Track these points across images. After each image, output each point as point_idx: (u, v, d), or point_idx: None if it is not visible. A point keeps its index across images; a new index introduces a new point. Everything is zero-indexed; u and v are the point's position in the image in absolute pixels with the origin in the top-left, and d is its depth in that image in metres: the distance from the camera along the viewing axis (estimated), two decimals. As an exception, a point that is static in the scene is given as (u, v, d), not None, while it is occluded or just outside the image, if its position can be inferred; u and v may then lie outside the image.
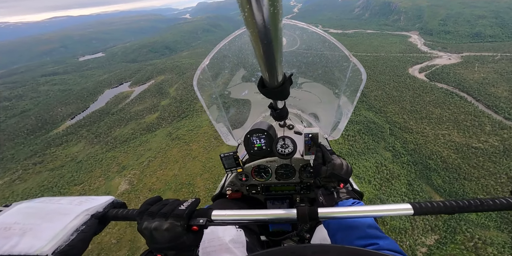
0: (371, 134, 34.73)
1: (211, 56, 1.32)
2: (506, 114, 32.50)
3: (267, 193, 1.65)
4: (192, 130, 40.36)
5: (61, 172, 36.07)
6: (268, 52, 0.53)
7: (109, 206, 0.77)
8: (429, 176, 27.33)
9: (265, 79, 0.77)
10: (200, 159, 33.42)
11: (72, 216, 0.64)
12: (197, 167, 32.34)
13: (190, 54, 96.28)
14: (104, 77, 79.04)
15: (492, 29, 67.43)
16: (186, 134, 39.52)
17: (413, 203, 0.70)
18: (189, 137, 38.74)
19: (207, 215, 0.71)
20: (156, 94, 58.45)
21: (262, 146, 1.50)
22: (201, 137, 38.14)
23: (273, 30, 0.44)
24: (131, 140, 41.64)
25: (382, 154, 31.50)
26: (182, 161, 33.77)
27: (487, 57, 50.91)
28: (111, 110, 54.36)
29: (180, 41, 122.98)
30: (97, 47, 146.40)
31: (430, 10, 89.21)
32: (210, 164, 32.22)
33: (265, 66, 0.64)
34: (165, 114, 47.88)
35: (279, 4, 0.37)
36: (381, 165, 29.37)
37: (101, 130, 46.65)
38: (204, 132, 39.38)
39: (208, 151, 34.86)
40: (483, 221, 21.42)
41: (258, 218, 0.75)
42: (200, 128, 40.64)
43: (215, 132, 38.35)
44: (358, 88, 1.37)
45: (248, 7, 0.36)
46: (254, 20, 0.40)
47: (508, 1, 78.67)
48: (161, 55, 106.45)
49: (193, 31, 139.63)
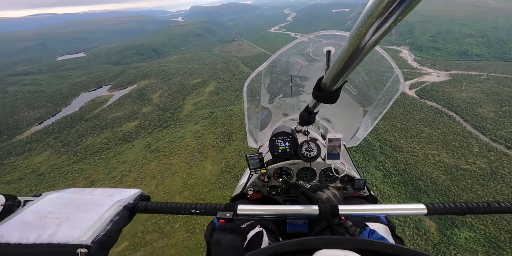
0: (362, 152, 35.08)
1: (270, 61, 1.50)
2: (492, 136, 34.00)
3: (287, 195, 1.73)
4: (174, 142, 39.13)
5: (19, 186, 33.37)
6: (350, 64, 0.64)
7: (138, 198, 0.85)
8: (419, 198, 27.70)
9: (325, 83, 0.86)
10: (181, 175, 32.13)
11: (106, 207, 0.70)
12: (176, 184, 31.00)
13: (178, 59, 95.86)
14: (82, 79, 76.44)
15: (478, 48, 72.40)
16: (167, 146, 38.20)
17: (426, 203, 0.79)
18: (170, 149, 37.43)
19: (233, 209, 0.80)
20: (137, 100, 56.94)
21: (286, 148, 1.59)
22: (183, 150, 36.96)
23: (371, 47, 0.54)
24: (103, 151, 39.75)
25: (373, 174, 31.71)
26: (160, 177, 32.32)
27: (474, 76, 54.13)
28: (84, 115, 52.15)
29: (168, 44, 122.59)
30: (79, 46, 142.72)
31: (420, 26, 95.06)
32: (191, 181, 31.00)
33: (337, 73, 0.73)
34: (145, 123, 46.39)
35: (395, 27, 0.45)
36: (372, 185, 29.44)
37: (71, 138, 44.38)
38: (187, 144, 38.25)
39: (190, 166, 33.69)
40: (472, 245, 21.88)
41: (282, 213, 0.83)
42: (183, 140, 39.49)
43: (198, 145, 37.48)
44: (392, 98, 1.51)
45: (372, 25, 0.44)
46: (364, 37, 0.48)
47: (494, 20, 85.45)
48: (147, 58, 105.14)
49: (183, 34, 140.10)
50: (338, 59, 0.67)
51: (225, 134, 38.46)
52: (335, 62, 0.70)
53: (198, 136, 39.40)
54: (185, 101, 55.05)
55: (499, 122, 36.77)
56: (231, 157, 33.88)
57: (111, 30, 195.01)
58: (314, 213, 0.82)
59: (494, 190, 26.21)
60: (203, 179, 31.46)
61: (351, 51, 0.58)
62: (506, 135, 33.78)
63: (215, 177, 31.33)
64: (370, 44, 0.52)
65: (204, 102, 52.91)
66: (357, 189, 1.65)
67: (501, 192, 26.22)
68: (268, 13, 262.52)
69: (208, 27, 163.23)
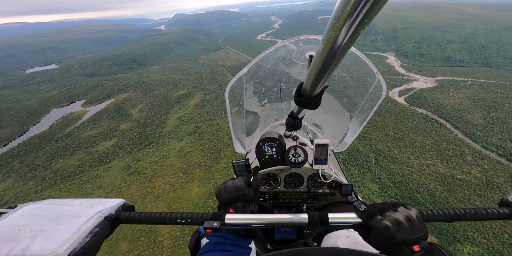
0: (357, 164, 35.34)
1: (249, 66, 1.56)
2: (484, 143, 35.48)
3: (275, 201, 1.82)
4: (156, 161, 37.76)
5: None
6: (327, 67, 0.65)
7: (121, 208, 0.84)
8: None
9: (305, 88, 0.90)
10: (165, 199, 30.74)
11: (85, 218, 0.69)
12: (160, 209, 29.47)
13: (161, 69, 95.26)
14: (53, 94, 73.78)
15: (461, 53, 77.42)
16: (149, 167, 36.73)
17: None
18: (151, 170, 35.99)
19: (220, 219, 0.81)
20: (115, 115, 55.30)
21: (273, 154, 1.65)
22: (166, 171, 35.64)
23: (345, 50, 0.55)
24: (76, 175, 37.80)
25: (370, 187, 31.82)
26: (141, 202, 30.70)
27: (459, 82, 57.32)
28: (55, 135, 49.79)
29: (150, 54, 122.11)
30: (51, 57, 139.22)
31: (404, 32, 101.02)
32: (176, 205, 29.67)
33: (315, 78, 0.75)
34: (123, 141, 44.81)
35: (365, 29, 0.47)
36: (369, 200, 29.38)
37: (39, 161, 41.98)
38: (170, 164, 36.98)
39: (175, 188, 32.40)
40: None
41: (271, 222, 0.85)
42: (166, 159, 38.20)
43: (184, 164, 36.40)
44: (376, 103, 1.61)
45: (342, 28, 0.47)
46: (336, 39, 0.50)
47: (473, 27, 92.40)
48: (126, 69, 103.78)
49: (166, 43, 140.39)
50: (314, 64, 0.69)
51: (213, 151, 37.66)
52: (312, 67, 0.72)
53: (183, 155, 38.33)
54: (168, 115, 54.08)
55: (489, 128, 38.59)
56: (219, 176, 32.98)
57: (87, 39, 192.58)
58: (304, 221, 0.84)
59: (492, 201, 26.86)
60: (190, 202, 30.32)
61: (324, 56, 0.60)
62: (497, 142, 35.36)
63: (203, 200, 30.26)
64: (343, 48, 0.54)
65: (189, 116, 52.15)
66: (344, 194, 1.72)
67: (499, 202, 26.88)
68: (255, 21, 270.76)
69: (193, 36, 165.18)
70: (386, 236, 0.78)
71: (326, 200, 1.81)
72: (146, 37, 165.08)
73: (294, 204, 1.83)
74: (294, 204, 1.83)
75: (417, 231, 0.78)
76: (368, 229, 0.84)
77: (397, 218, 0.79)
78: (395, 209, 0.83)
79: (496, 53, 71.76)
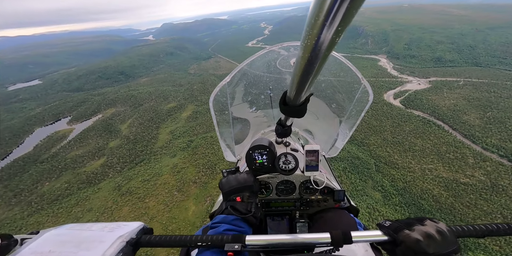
0: (357, 172, 35.26)
1: (233, 74, 1.58)
2: (483, 144, 36.08)
3: (267, 209, 1.83)
4: (149, 180, 36.90)
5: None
6: (308, 75, 0.65)
7: (141, 232, 0.88)
8: (425, 221, 27.66)
9: (289, 97, 0.91)
10: (160, 220, 29.88)
11: (108, 244, 0.71)
12: (156, 231, 27.68)
13: (150, 81, 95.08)
14: (36, 111, 72.32)
15: (450, 54, 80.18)
16: (141, 186, 35.84)
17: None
18: (144, 190, 35.10)
19: (241, 241, 0.82)
20: (103, 132, 54.46)
21: (264, 162, 1.64)
22: (160, 190, 34.80)
23: (324, 57, 0.56)
24: (64, 198, 36.63)
25: (372, 196, 31.60)
26: (134, 225, 29.71)
27: (452, 83, 58.98)
28: (40, 156, 48.57)
29: (138, 65, 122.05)
30: (34, 73, 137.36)
31: (394, 34, 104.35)
32: (173, 226, 28.85)
33: (298, 86, 0.76)
34: (113, 160, 43.92)
35: (341, 37, 0.47)
36: (373, 209, 29.10)
37: (24, 185, 40.78)
38: (164, 182, 36.17)
39: (170, 208, 31.61)
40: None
41: (292, 242, 0.85)
42: (160, 177, 37.38)
43: (178, 181, 35.67)
44: (363, 109, 1.67)
45: (318, 36, 0.46)
46: (315, 47, 0.50)
47: (460, 27, 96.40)
48: (113, 82, 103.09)
49: (154, 54, 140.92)
50: (295, 72, 0.69)
51: (208, 166, 37.10)
52: (293, 76, 0.72)
53: (176, 171, 37.62)
54: (160, 130, 53.55)
55: (487, 129, 39.41)
56: (216, 193, 32.27)
57: (71, 53, 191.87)
58: (326, 240, 0.84)
59: (499, 205, 26.96)
60: (187, 222, 29.53)
61: (304, 64, 0.60)
62: (496, 142, 36.03)
63: (200, 219, 29.53)
64: (322, 56, 0.55)
65: (181, 130, 51.67)
66: (337, 200, 1.72)
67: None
68: (245, 28, 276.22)
69: (182, 45, 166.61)
70: (417, 250, 0.75)
71: (319, 207, 1.83)
72: (134, 48, 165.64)
73: (287, 211, 1.85)
74: (287, 211, 1.85)
75: (450, 245, 0.76)
76: (395, 244, 0.82)
77: (428, 231, 0.77)
78: (422, 223, 0.83)
79: (484, 53, 74.59)
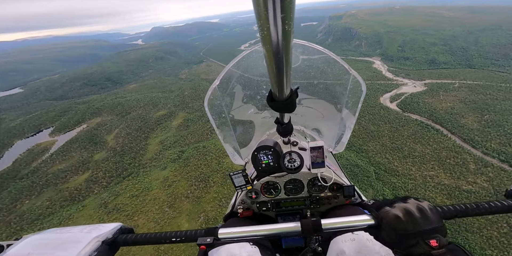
0: (357, 181, 34.90)
1: (221, 76, 1.62)
2: (483, 149, 36.36)
3: (278, 209, 1.86)
4: (138, 196, 35.62)
5: None
6: (279, 67, 0.70)
7: (118, 232, 0.94)
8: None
9: (274, 92, 0.97)
10: (148, 240, 28.60)
11: (84, 244, 0.79)
12: (146, 252, 27.41)
13: (139, 87, 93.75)
14: (16, 123, 70.06)
15: (444, 56, 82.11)
16: (129, 203, 34.54)
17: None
18: (133, 206, 33.83)
19: (214, 234, 0.89)
20: (87, 144, 53.06)
21: (270, 162, 1.71)
22: (150, 206, 33.58)
23: (286, 47, 0.60)
24: (46, 218, 35.20)
25: (374, 206, 31.23)
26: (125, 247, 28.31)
27: (448, 85, 60.05)
28: (19, 172, 46.82)
29: (126, 71, 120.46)
30: (15, 80, 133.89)
31: (387, 37, 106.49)
32: (165, 246, 27.52)
33: (276, 80, 0.82)
34: (98, 174, 42.55)
35: (292, 24, 0.52)
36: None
37: (2, 204, 39.07)
38: (154, 197, 34.94)
39: (161, 226, 30.49)
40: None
41: (264, 233, 0.92)
42: (149, 192, 36.14)
43: (169, 196, 34.55)
44: (359, 100, 1.69)
45: (268, 26, 0.51)
46: (270, 38, 0.55)
47: (452, 29, 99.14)
48: (100, 89, 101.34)
49: (143, 59, 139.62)
50: (267, 66, 0.74)
51: (200, 179, 36.06)
52: (268, 70, 0.77)
53: (167, 185, 36.53)
54: (149, 140, 52.44)
55: (485, 132, 39.85)
56: (210, 208, 31.32)
57: (54, 59, 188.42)
58: (297, 230, 0.90)
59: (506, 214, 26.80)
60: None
61: (271, 57, 0.65)
62: (496, 147, 36.37)
63: (193, 238, 28.36)
64: (282, 46, 0.59)
65: (171, 140, 50.61)
66: (347, 196, 1.71)
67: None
68: (237, 31, 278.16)
69: (172, 49, 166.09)
70: (397, 227, 0.77)
71: (330, 204, 1.82)
72: (121, 53, 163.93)
73: (298, 210, 1.85)
74: (297, 210, 1.85)
75: (431, 223, 0.75)
76: (378, 226, 0.83)
77: (407, 208, 0.79)
78: (405, 201, 0.86)
79: (477, 54, 76.65)
